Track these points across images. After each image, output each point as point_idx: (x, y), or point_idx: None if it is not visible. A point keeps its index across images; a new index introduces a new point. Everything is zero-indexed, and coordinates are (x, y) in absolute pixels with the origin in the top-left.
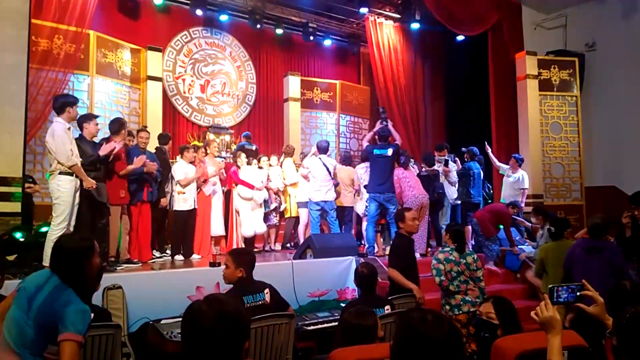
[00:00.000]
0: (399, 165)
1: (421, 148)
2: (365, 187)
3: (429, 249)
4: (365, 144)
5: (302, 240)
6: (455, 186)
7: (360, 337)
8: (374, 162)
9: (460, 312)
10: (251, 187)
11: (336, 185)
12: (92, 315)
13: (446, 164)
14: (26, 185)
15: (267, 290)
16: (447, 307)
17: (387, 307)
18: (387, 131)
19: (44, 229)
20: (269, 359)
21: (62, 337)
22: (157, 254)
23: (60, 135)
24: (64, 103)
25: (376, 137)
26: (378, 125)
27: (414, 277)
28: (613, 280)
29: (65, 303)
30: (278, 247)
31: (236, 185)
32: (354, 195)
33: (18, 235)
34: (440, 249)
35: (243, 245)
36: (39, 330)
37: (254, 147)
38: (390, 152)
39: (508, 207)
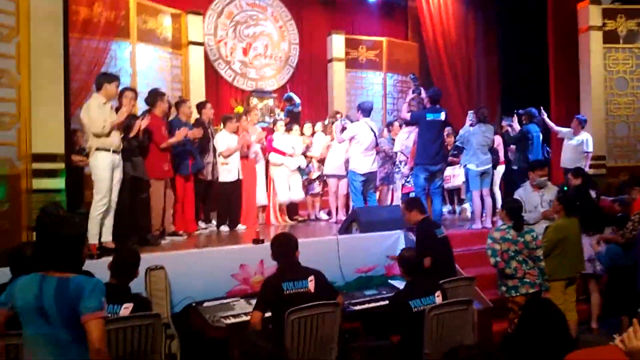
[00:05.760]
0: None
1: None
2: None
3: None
4: (405, 114)
5: (334, 212)
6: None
7: None
8: (426, 128)
9: (518, 294)
10: (282, 153)
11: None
12: (131, 305)
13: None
14: (78, 158)
15: (311, 278)
16: (504, 288)
17: (437, 293)
18: (439, 93)
19: None
20: (311, 349)
21: (84, 320)
22: (202, 224)
23: (93, 108)
24: (101, 80)
25: (425, 100)
26: (410, 95)
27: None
28: None
29: (77, 289)
30: (323, 215)
31: (269, 153)
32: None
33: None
34: (495, 226)
35: (285, 215)
36: (73, 327)
37: (299, 109)
38: (443, 116)
39: (614, 204)
